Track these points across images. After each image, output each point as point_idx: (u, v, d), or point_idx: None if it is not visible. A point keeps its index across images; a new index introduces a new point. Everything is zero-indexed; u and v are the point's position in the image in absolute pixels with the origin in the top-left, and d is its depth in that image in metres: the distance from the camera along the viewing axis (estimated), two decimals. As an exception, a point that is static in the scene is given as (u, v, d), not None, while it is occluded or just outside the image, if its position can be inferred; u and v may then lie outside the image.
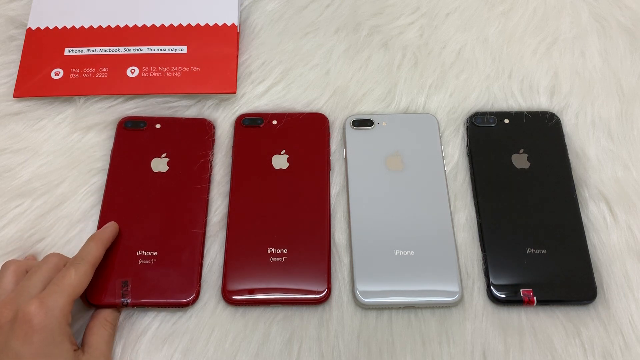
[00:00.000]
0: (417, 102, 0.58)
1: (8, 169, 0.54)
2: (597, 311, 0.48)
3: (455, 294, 0.48)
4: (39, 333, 0.40)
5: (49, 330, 0.40)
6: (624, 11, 0.63)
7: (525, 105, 0.58)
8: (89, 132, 0.56)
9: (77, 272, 0.44)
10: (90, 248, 0.47)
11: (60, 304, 0.41)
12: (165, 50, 0.59)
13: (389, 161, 0.54)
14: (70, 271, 0.44)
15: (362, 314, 0.48)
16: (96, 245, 0.47)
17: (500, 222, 0.51)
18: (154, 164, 0.54)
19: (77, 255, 0.46)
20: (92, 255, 0.46)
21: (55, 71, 0.58)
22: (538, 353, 0.47)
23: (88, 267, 0.45)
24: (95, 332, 0.45)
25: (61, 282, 0.43)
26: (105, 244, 0.48)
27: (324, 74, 0.59)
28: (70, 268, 0.44)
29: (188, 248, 0.50)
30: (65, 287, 0.43)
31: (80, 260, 0.45)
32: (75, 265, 0.44)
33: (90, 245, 0.47)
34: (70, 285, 0.43)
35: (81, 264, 0.45)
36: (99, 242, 0.47)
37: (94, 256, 0.46)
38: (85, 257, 0.45)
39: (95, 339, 0.45)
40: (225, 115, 0.57)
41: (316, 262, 0.49)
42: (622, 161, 0.55)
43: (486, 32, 0.62)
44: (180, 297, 0.48)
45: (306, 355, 0.47)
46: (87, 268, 0.45)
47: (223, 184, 0.54)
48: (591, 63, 0.60)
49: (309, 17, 0.63)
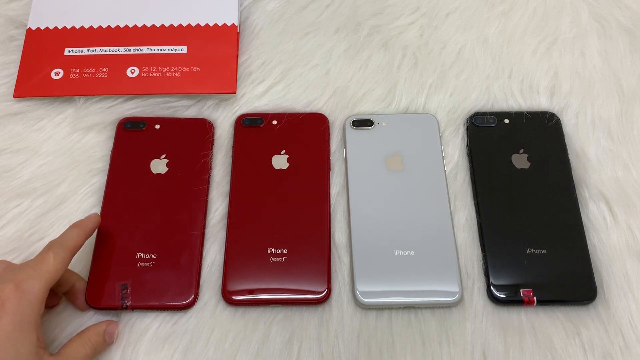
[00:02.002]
0: (417, 102, 0.58)
1: (8, 169, 0.54)
2: (597, 311, 0.48)
3: (455, 294, 0.48)
4: (9, 316, 0.39)
5: (19, 314, 0.39)
6: (624, 11, 0.63)
7: (525, 105, 0.58)
8: (89, 132, 0.56)
9: (56, 257, 0.42)
10: (72, 234, 0.45)
11: (36, 290, 0.40)
12: (165, 51, 0.59)
13: (389, 161, 0.54)
14: (48, 255, 0.42)
15: (362, 314, 0.48)
16: (78, 232, 0.45)
17: (500, 222, 0.51)
18: (154, 165, 0.54)
19: (57, 240, 0.44)
20: (72, 242, 0.44)
21: (55, 71, 0.58)
22: (538, 353, 0.47)
23: (67, 253, 0.43)
24: (74, 346, 0.44)
25: (39, 267, 0.41)
26: (87, 233, 0.46)
27: (324, 74, 0.59)
28: (48, 252, 0.42)
29: (187, 250, 0.50)
30: (42, 272, 0.41)
31: (59, 246, 0.43)
32: (54, 250, 0.43)
33: (72, 231, 0.45)
34: (48, 271, 0.41)
35: (60, 250, 0.43)
36: (80, 230, 0.46)
37: (74, 243, 0.45)
38: (64, 244, 0.44)
39: (71, 352, 0.43)
40: (225, 115, 0.57)
41: (316, 262, 0.49)
42: (622, 161, 0.55)
43: (486, 32, 0.62)
44: (179, 300, 0.48)
45: (306, 355, 0.47)
46: (65, 255, 0.43)
47: (223, 184, 0.54)
48: (591, 63, 0.60)
49: (309, 17, 0.63)
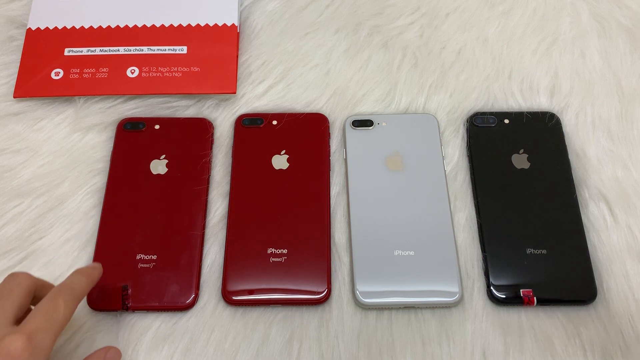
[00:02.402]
0: (417, 102, 0.58)
1: (8, 169, 0.54)
2: (597, 311, 0.48)
3: (455, 294, 0.48)
4: None
5: None
6: (624, 11, 0.63)
7: (525, 105, 0.58)
8: (89, 133, 0.56)
9: (66, 307, 0.39)
10: (80, 282, 0.42)
11: (48, 344, 0.37)
12: (165, 51, 0.59)
13: (389, 161, 0.54)
14: (59, 304, 0.39)
15: (362, 314, 0.48)
16: (86, 281, 0.42)
17: (500, 222, 0.51)
18: (153, 166, 0.54)
19: (66, 287, 0.41)
20: (81, 291, 0.42)
21: (55, 71, 0.58)
22: (538, 353, 0.47)
23: (76, 303, 0.40)
24: None
25: (50, 316, 0.38)
26: (93, 282, 0.44)
27: (324, 74, 0.59)
28: (58, 300, 0.39)
29: (187, 251, 0.50)
30: (54, 323, 0.38)
31: (70, 294, 0.40)
32: (65, 298, 0.39)
33: (80, 279, 0.42)
34: (59, 322, 0.38)
35: (70, 299, 0.40)
36: (88, 279, 0.43)
37: (82, 292, 0.42)
38: (74, 292, 0.41)
39: None
40: (225, 115, 0.57)
41: (316, 263, 0.49)
42: (622, 161, 0.55)
43: (486, 32, 0.62)
44: (179, 301, 0.48)
45: (306, 355, 0.47)
46: (75, 304, 0.40)
47: (223, 185, 0.54)
48: (591, 63, 0.60)
49: (309, 17, 0.63)
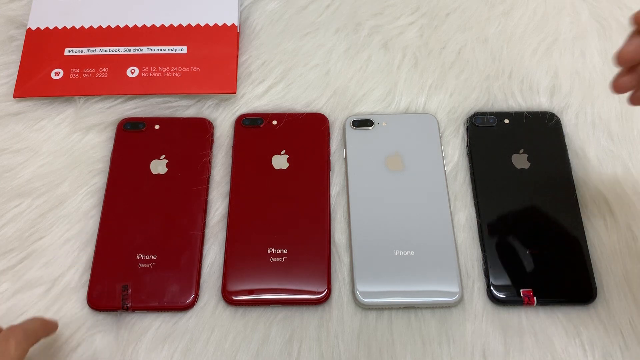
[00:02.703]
0: (417, 102, 0.58)
1: (8, 169, 0.54)
2: (597, 311, 0.48)
3: (455, 294, 0.48)
4: None
5: None
6: (624, 11, 0.63)
7: (525, 105, 0.58)
8: (89, 133, 0.56)
9: (17, 348, 0.39)
10: (35, 327, 0.42)
11: None
12: (165, 51, 0.59)
13: (389, 161, 0.54)
14: (10, 345, 0.38)
15: (362, 314, 0.48)
16: (41, 326, 0.43)
17: (500, 222, 0.51)
18: (153, 166, 0.54)
19: (19, 329, 0.40)
20: (35, 335, 0.41)
21: (55, 71, 0.58)
22: (538, 353, 0.47)
23: (28, 346, 0.40)
24: None
25: (2, 357, 0.38)
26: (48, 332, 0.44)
27: (324, 74, 0.59)
28: (10, 341, 0.39)
29: (187, 251, 0.50)
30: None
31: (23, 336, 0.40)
32: (17, 339, 0.39)
33: (35, 323, 0.42)
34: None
35: (23, 341, 0.39)
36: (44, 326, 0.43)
37: (36, 337, 0.42)
38: (26, 332, 0.40)
39: None
40: (225, 115, 0.57)
41: (316, 262, 0.49)
42: (622, 161, 0.55)
43: (486, 32, 0.62)
44: (179, 301, 0.48)
45: (306, 355, 0.47)
46: (27, 347, 0.40)
47: (223, 185, 0.54)
48: (591, 63, 0.60)
49: (309, 17, 0.63)
